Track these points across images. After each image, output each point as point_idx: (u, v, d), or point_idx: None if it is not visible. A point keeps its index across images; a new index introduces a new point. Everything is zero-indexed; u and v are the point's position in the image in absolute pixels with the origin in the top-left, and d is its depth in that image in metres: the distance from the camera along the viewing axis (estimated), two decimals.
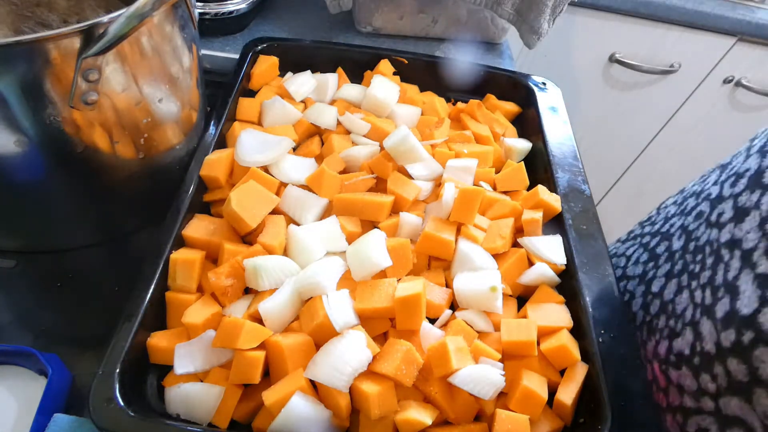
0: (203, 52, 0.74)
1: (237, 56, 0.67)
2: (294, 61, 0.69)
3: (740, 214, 0.40)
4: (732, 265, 0.39)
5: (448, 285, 0.50)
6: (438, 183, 0.57)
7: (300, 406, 0.39)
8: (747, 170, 0.43)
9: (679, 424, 0.44)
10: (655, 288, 0.51)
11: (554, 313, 0.48)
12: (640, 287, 0.55)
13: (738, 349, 0.36)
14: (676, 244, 0.51)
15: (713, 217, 0.45)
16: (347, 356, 0.41)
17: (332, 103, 0.65)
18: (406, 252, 0.49)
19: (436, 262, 0.52)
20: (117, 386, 0.39)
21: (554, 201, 0.56)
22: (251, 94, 0.65)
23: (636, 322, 0.53)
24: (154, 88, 0.49)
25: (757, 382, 0.35)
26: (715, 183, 0.49)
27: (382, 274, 0.48)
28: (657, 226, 0.57)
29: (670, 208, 0.58)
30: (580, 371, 0.45)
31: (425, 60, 0.70)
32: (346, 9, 0.84)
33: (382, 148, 0.58)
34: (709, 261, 0.42)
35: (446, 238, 0.50)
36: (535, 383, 0.43)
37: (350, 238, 0.50)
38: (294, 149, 0.59)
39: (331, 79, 0.66)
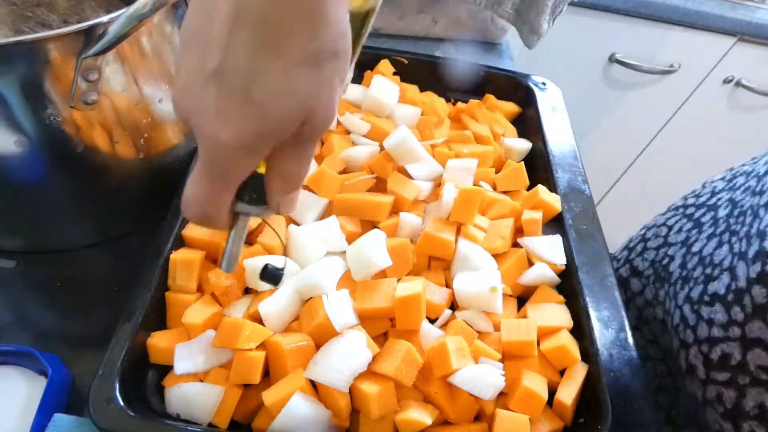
0: None
1: None
2: None
3: None
4: (766, 217, 0.45)
5: (448, 285, 0.50)
6: (438, 183, 0.57)
7: (300, 406, 0.39)
8: None
9: (703, 354, 0.48)
10: (695, 248, 0.55)
11: (554, 313, 0.48)
12: (681, 250, 0.57)
13: (761, 277, 0.43)
14: (722, 212, 0.54)
15: (758, 188, 0.50)
16: (347, 356, 0.41)
17: None
18: (406, 252, 0.49)
19: (436, 262, 0.52)
20: (117, 386, 0.39)
21: (554, 201, 0.55)
22: None
23: (671, 280, 0.56)
24: (154, 88, 0.49)
25: None
26: (765, 163, 0.53)
27: (382, 274, 0.48)
28: (702, 199, 0.60)
29: (717, 183, 0.60)
30: (580, 371, 0.45)
31: (425, 60, 0.70)
32: None
33: (382, 148, 0.58)
34: (749, 219, 0.48)
35: (446, 238, 0.50)
36: (535, 383, 0.43)
37: (350, 238, 0.50)
38: None
39: None
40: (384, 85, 0.65)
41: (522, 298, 0.52)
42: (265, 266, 0.38)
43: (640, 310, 0.60)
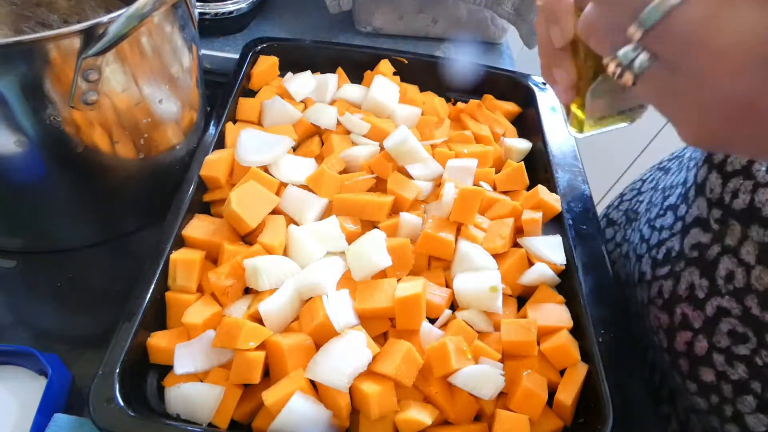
0: (203, 52, 0.74)
1: (237, 56, 0.67)
2: (294, 61, 0.69)
3: None
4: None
5: (448, 285, 0.50)
6: (438, 183, 0.57)
7: (300, 406, 0.39)
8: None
9: (652, 258, 0.51)
10: (661, 186, 0.57)
11: (554, 313, 0.48)
12: (649, 193, 0.60)
13: (704, 161, 0.45)
14: (687, 154, 0.56)
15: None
16: (347, 356, 0.41)
17: (332, 103, 0.65)
18: (406, 252, 0.49)
19: (436, 262, 0.52)
20: (117, 386, 0.39)
21: (554, 201, 0.56)
22: (251, 94, 0.65)
23: (638, 217, 0.59)
24: (154, 89, 0.49)
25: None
26: None
27: (382, 274, 0.48)
28: (676, 153, 0.62)
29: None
30: (580, 371, 0.45)
31: (425, 60, 0.70)
32: (346, 9, 0.84)
33: (382, 148, 0.58)
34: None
35: (446, 238, 0.50)
36: (535, 383, 0.43)
37: (350, 238, 0.50)
38: (294, 149, 0.59)
39: (331, 79, 0.66)
40: (384, 85, 0.65)
41: (522, 298, 0.52)
42: None
43: (609, 254, 0.62)
